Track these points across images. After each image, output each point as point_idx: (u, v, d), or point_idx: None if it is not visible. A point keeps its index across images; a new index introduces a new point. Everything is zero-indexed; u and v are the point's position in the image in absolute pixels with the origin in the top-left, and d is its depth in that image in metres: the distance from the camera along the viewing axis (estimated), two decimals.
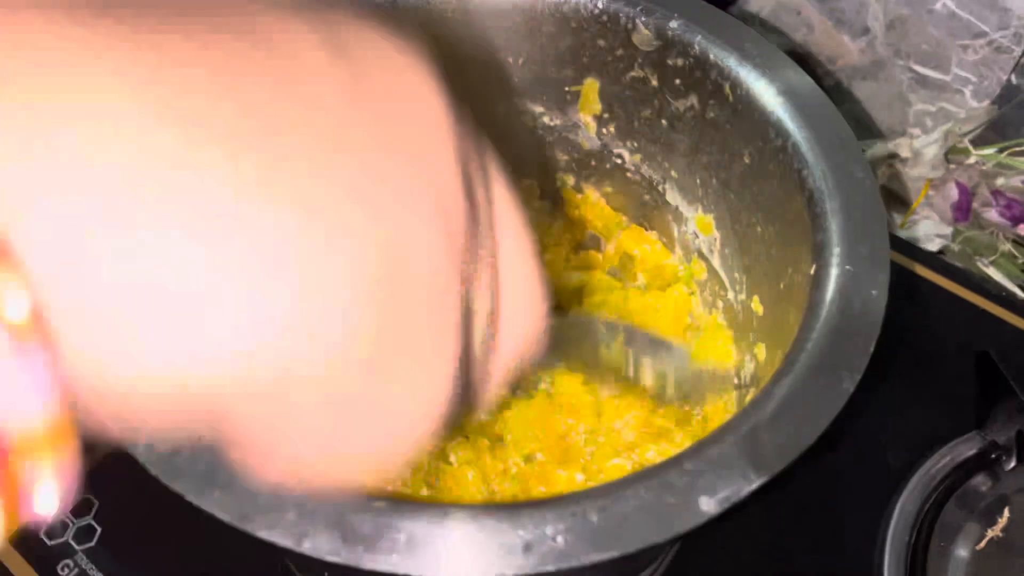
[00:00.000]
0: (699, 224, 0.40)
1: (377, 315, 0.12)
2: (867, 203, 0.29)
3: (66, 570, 0.38)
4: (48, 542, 0.39)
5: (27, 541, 0.39)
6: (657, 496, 0.23)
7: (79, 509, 0.40)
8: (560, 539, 0.22)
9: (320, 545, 0.21)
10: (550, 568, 0.22)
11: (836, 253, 0.29)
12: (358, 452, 0.15)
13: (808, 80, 0.32)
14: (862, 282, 0.28)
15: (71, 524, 0.39)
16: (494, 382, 0.18)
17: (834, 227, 0.29)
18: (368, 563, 0.21)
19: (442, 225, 0.13)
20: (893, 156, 0.55)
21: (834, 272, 0.28)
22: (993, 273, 0.53)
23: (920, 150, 0.54)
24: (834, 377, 0.25)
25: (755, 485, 0.23)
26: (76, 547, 0.39)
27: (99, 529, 0.39)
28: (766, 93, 0.33)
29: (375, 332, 0.12)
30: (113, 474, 0.40)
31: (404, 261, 0.13)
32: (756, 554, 0.40)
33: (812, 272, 0.29)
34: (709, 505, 0.23)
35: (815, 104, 0.32)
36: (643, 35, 0.35)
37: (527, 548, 0.22)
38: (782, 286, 0.32)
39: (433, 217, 0.13)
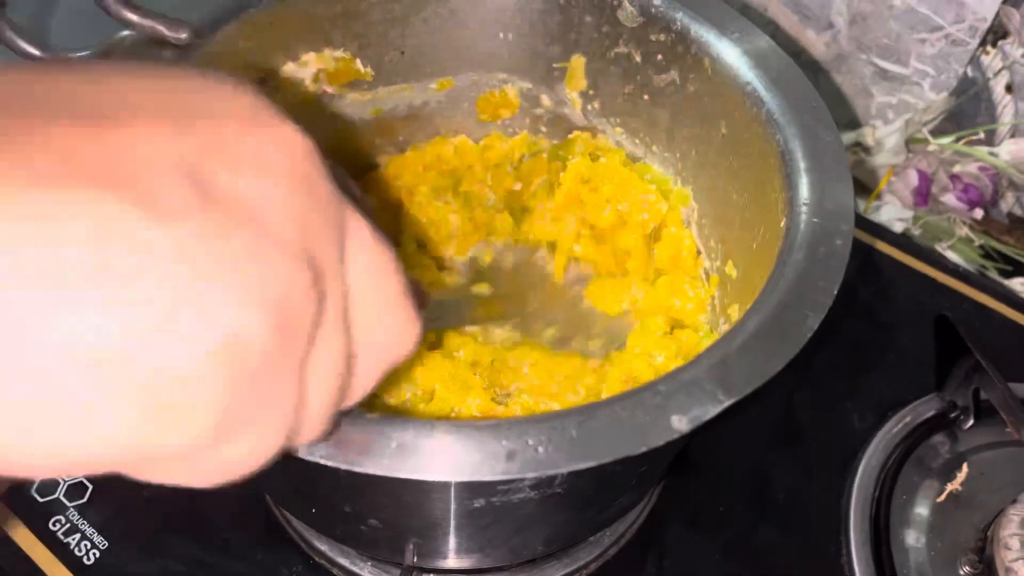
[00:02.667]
0: (678, 197, 0.42)
1: (221, 404, 0.15)
2: (833, 162, 0.32)
3: (57, 525, 0.39)
4: (40, 499, 0.39)
5: (19, 498, 0.39)
6: (632, 414, 0.24)
7: None
8: (541, 449, 0.23)
9: (315, 450, 0.22)
10: (531, 474, 0.23)
11: (804, 209, 0.31)
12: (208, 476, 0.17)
13: (780, 52, 0.35)
14: (827, 233, 0.30)
15: (62, 481, 0.40)
16: (357, 397, 0.20)
17: (803, 184, 0.31)
18: (360, 466, 0.22)
19: (278, 320, 0.15)
20: (857, 145, 0.59)
21: (802, 225, 0.30)
22: (952, 256, 0.56)
23: (882, 139, 0.57)
24: (800, 315, 0.27)
25: (723, 406, 0.24)
26: (67, 503, 0.39)
27: (90, 486, 0.40)
28: (742, 65, 0.35)
29: (219, 414, 0.15)
30: None
31: (243, 359, 0.15)
32: (731, 506, 0.42)
33: (783, 225, 0.31)
34: (680, 423, 0.24)
35: (787, 74, 0.34)
36: (628, 11, 0.38)
37: (510, 456, 0.23)
38: (755, 246, 0.35)
39: (268, 314, 0.15)
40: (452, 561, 0.36)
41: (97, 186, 0.14)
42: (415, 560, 0.34)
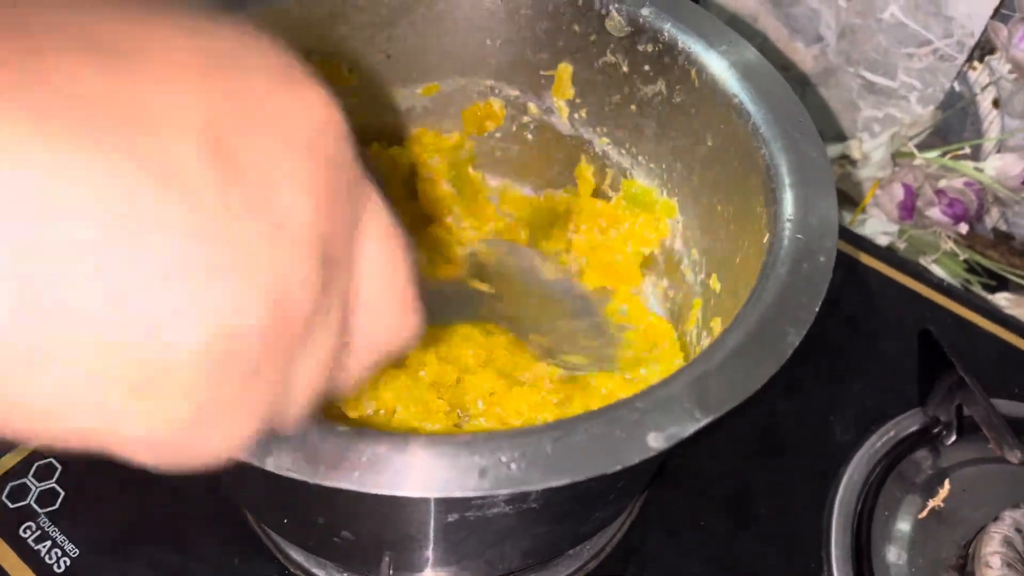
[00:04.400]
0: (663, 208, 0.42)
1: (201, 396, 0.14)
2: (818, 178, 0.32)
3: (28, 532, 0.38)
4: (10, 505, 0.39)
5: None
6: (608, 431, 0.24)
7: (42, 473, 0.40)
8: (514, 466, 0.23)
9: (282, 463, 0.22)
10: (504, 492, 0.22)
11: (788, 224, 0.31)
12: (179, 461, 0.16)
13: (768, 65, 0.35)
14: (811, 249, 0.30)
15: (34, 487, 0.39)
16: (350, 383, 0.19)
17: (788, 200, 0.31)
18: (329, 480, 0.22)
19: (276, 313, 0.14)
20: (843, 158, 0.59)
21: (786, 241, 0.30)
22: (937, 271, 0.56)
23: (868, 153, 0.57)
24: (781, 331, 0.27)
25: (700, 424, 0.24)
26: (39, 510, 0.39)
27: (62, 493, 0.39)
28: (730, 78, 0.35)
29: (196, 406, 0.14)
30: None
31: (233, 353, 0.14)
32: (712, 520, 0.42)
33: (765, 241, 0.31)
34: (657, 440, 0.24)
35: (774, 87, 0.34)
36: (616, 21, 0.38)
37: (482, 472, 0.22)
38: (738, 260, 0.35)
39: (267, 306, 0.14)
40: (429, 573, 0.35)
41: (110, 145, 0.12)
42: (391, 573, 0.34)
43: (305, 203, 0.15)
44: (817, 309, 0.28)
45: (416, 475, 0.22)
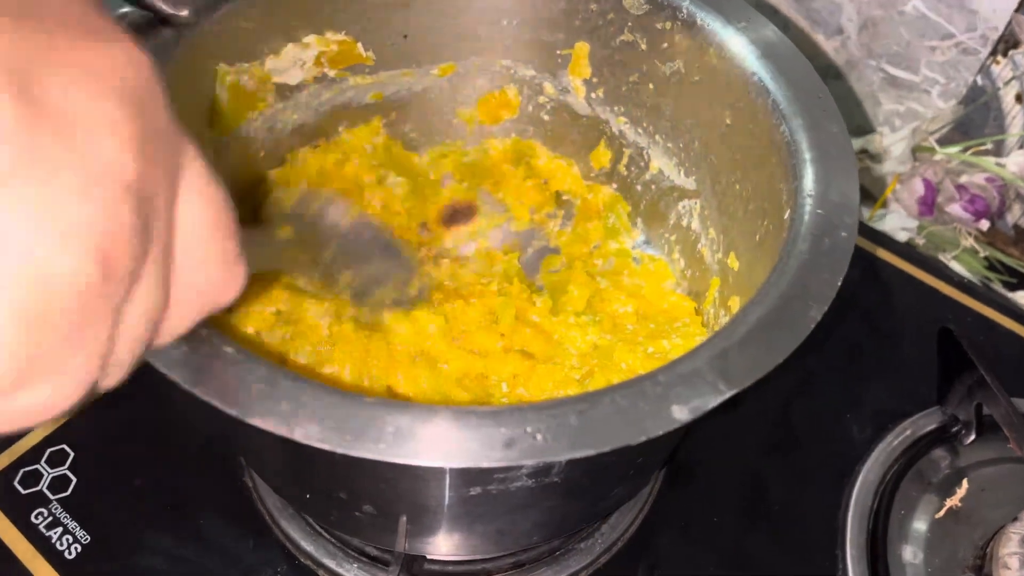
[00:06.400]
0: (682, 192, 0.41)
1: (21, 352, 0.14)
2: (839, 154, 0.31)
3: (40, 518, 0.37)
4: (22, 491, 0.38)
5: (1, 490, 0.38)
6: (632, 403, 0.24)
7: (55, 459, 0.39)
8: (540, 437, 0.22)
9: (311, 433, 0.22)
10: (529, 462, 0.22)
11: (809, 200, 0.30)
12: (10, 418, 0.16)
13: (787, 41, 0.34)
14: (832, 224, 0.29)
15: (46, 474, 0.39)
16: (166, 340, 0.18)
17: (808, 176, 0.31)
18: (356, 451, 0.22)
19: (96, 264, 0.14)
20: (863, 152, 0.58)
21: (807, 216, 0.30)
22: (956, 267, 0.55)
23: (888, 147, 0.56)
24: (803, 306, 0.27)
25: (724, 396, 0.24)
26: (50, 496, 0.38)
27: (74, 479, 0.39)
28: (749, 55, 0.34)
29: (17, 361, 0.14)
30: (88, 425, 0.40)
31: (53, 305, 0.14)
32: (725, 516, 0.41)
33: (786, 217, 0.30)
34: (681, 412, 0.24)
35: (793, 64, 0.34)
36: None
37: (508, 443, 0.22)
38: (758, 238, 0.34)
39: (87, 257, 0.14)
40: (444, 547, 0.35)
41: None
42: (407, 547, 0.33)
43: (116, 147, 0.14)
44: (839, 284, 0.27)
45: (442, 445, 0.22)
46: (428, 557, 0.36)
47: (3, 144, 0.13)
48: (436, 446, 0.22)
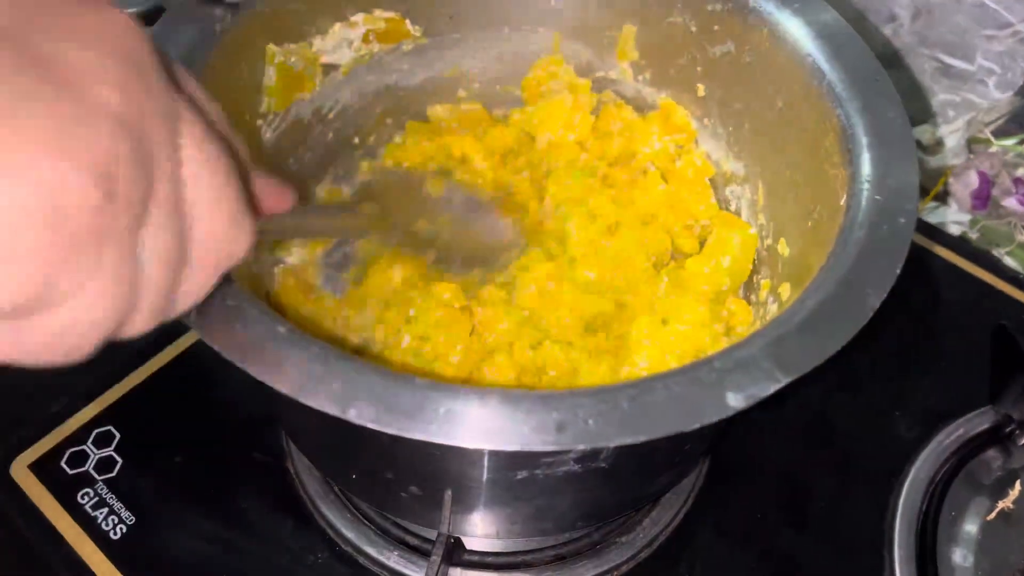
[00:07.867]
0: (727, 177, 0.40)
1: (42, 258, 0.15)
2: (897, 139, 0.30)
3: (86, 499, 0.38)
4: (69, 471, 0.39)
5: (48, 469, 0.39)
6: (686, 389, 0.23)
7: (101, 440, 0.40)
8: (591, 422, 0.22)
9: (364, 413, 0.22)
10: (580, 446, 0.22)
11: (866, 186, 0.29)
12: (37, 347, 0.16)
13: (843, 23, 0.33)
14: (890, 211, 0.28)
15: (92, 454, 0.39)
16: (192, 297, 0.19)
17: (866, 161, 0.30)
18: (407, 431, 0.22)
19: (99, 179, 0.15)
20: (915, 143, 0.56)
21: (864, 203, 0.29)
22: (1011, 263, 0.53)
23: (942, 138, 0.55)
24: (861, 293, 0.26)
25: (780, 384, 0.23)
26: (97, 476, 0.39)
27: (120, 461, 0.39)
28: (802, 36, 0.33)
29: (40, 268, 0.15)
30: (135, 407, 0.41)
31: (66, 218, 0.15)
32: (768, 515, 0.40)
33: (843, 203, 0.29)
34: (736, 400, 0.23)
35: (850, 47, 0.33)
36: None
37: (560, 427, 0.22)
38: (809, 224, 0.33)
39: (88, 173, 0.15)
40: (485, 529, 0.34)
41: None
42: (450, 529, 0.33)
43: (112, 86, 0.16)
44: (899, 271, 0.26)
45: (492, 428, 0.22)
46: (468, 548, 0.36)
47: (2, 84, 0.14)
48: (487, 429, 0.22)
